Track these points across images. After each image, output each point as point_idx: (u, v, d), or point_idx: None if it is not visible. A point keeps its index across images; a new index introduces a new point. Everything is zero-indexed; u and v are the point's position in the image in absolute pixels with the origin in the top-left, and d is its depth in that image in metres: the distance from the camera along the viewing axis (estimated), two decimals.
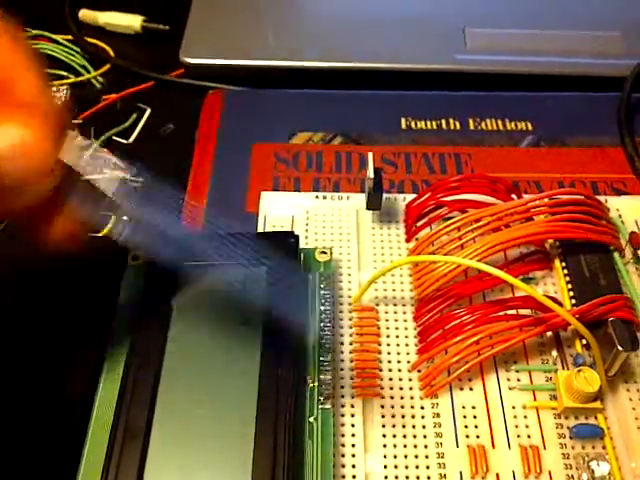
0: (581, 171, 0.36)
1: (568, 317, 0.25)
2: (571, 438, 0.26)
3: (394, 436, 0.26)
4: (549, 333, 0.28)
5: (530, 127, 0.38)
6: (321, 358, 0.27)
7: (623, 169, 0.36)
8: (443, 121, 0.38)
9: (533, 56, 0.41)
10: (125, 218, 0.36)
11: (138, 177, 0.38)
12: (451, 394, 0.27)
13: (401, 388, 0.27)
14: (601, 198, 0.32)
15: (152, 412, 0.25)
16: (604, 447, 0.26)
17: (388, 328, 0.29)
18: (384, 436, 0.26)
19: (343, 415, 0.27)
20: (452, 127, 0.38)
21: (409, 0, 0.46)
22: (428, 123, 0.38)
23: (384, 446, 0.26)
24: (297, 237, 0.29)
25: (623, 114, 0.37)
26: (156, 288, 0.28)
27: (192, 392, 0.25)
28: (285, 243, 0.29)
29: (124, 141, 0.40)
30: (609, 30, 0.42)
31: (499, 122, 0.38)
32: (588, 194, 0.31)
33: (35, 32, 0.46)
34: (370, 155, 0.30)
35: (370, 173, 0.30)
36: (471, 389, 0.28)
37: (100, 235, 0.35)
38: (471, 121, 0.38)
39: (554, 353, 0.28)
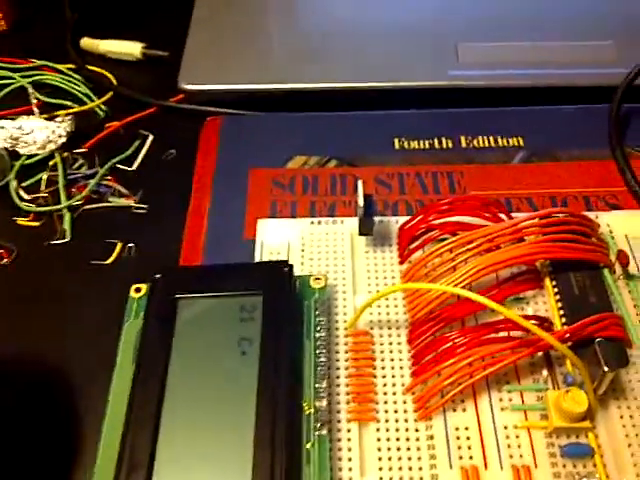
0: (573, 185, 0.36)
1: (552, 341, 0.26)
2: (562, 457, 0.27)
3: (389, 459, 0.27)
4: (540, 353, 0.29)
5: (522, 142, 0.39)
6: (316, 385, 0.28)
7: (615, 182, 0.36)
8: (435, 140, 0.39)
9: (528, 69, 0.42)
10: (131, 245, 0.37)
11: (142, 204, 0.39)
12: (444, 416, 0.28)
13: (396, 411, 0.28)
14: (592, 214, 0.33)
15: (155, 442, 0.26)
16: (595, 465, 0.27)
17: (382, 352, 0.30)
18: (380, 459, 0.27)
19: (340, 440, 0.27)
20: (444, 145, 0.39)
21: (400, 18, 0.46)
22: (420, 142, 0.39)
23: (380, 469, 0.27)
24: (291, 266, 0.30)
25: (614, 125, 0.38)
26: (156, 320, 0.29)
27: (192, 420, 0.26)
28: (279, 272, 0.30)
29: (128, 168, 0.41)
30: (601, 39, 0.42)
31: (491, 139, 0.39)
32: (577, 212, 0.31)
33: (39, 62, 0.47)
34: (360, 183, 0.31)
35: (360, 201, 0.31)
36: (464, 410, 0.28)
37: (107, 262, 0.37)
38: (463, 139, 0.39)
39: (544, 372, 0.29)
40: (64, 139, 0.42)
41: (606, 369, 0.26)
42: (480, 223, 0.32)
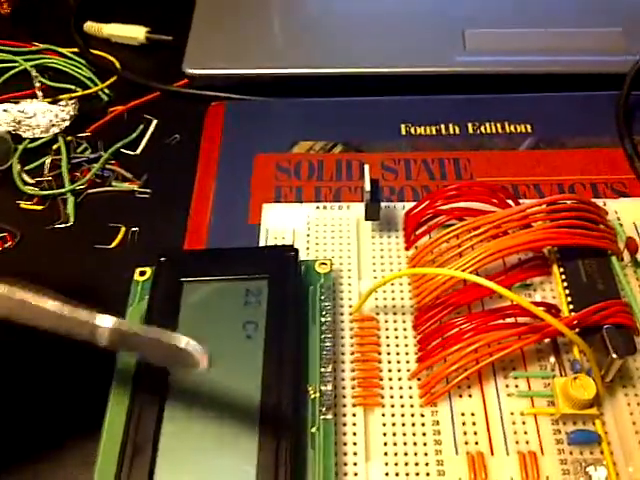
0: (581, 173, 0.36)
1: (560, 327, 0.26)
2: (569, 444, 0.27)
3: (395, 444, 0.27)
4: (547, 339, 0.29)
5: (529, 129, 0.38)
6: (322, 369, 0.28)
7: (623, 169, 0.36)
8: (442, 126, 0.39)
9: (535, 55, 0.41)
10: (135, 229, 0.37)
11: (146, 188, 0.39)
12: (450, 402, 0.28)
13: (401, 397, 0.28)
14: (600, 201, 0.33)
15: (159, 426, 0.26)
16: (602, 452, 0.26)
17: (388, 337, 0.30)
18: (385, 444, 0.27)
19: (345, 424, 0.27)
20: (451, 132, 0.39)
21: (407, 3, 0.46)
22: (427, 128, 0.39)
23: (385, 454, 0.27)
24: (297, 250, 0.30)
25: (622, 113, 0.37)
26: (161, 303, 0.29)
27: (196, 403, 0.26)
28: (285, 257, 0.30)
29: (132, 153, 0.41)
30: (610, 26, 0.42)
31: (498, 125, 0.39)
32: (585, 199, 0.31)
33: (42, 46, 0.47)
34: (366, 168, 0.31)
35: (367, 186, 0.31)
36: (470, 396, 0.28)
37: (111, 247, 0.37)
38: (470, 125, 0.39)
39: (552, 359, 0.29)
40: (67, 123, 0.41)
41: (614, 356, 0.26)
42: (487, 209, 0.32)
